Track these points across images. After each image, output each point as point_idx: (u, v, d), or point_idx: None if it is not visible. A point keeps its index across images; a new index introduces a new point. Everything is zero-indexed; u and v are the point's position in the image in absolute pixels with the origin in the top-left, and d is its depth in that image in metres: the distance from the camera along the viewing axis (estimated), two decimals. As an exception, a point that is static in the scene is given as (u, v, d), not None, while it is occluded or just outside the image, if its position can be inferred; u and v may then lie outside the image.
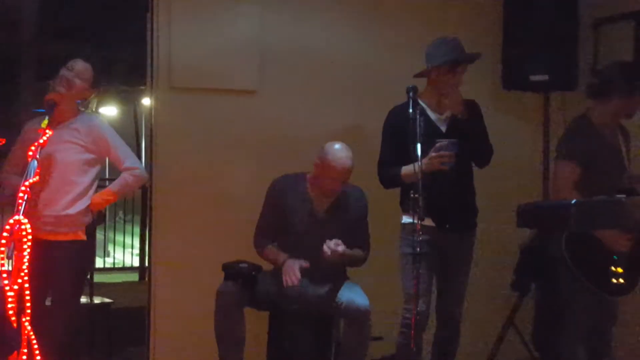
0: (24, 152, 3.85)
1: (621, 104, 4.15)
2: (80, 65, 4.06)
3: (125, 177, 4.22)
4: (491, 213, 4.50)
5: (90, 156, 4.07)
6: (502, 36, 5.24)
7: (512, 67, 5.20)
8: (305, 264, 4.20)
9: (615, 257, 3.92)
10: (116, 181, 4.32)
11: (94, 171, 4.10)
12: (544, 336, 4.83)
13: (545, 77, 5.09)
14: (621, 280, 3.96)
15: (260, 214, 4.45)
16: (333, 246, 4.14)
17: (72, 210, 4.00)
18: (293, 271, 4.16)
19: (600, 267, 3.95)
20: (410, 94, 3.88)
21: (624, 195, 3.55)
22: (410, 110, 3.81)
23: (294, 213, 4.36)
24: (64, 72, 4.02)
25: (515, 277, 5.02)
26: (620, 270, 3.96)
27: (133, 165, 4.23)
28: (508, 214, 3.85)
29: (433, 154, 3.87)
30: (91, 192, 4.09)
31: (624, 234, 3.95)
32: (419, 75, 4.25)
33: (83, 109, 4.21)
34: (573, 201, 3.36)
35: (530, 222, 3.72)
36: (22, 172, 3.83)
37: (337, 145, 4.22)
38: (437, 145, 3.86)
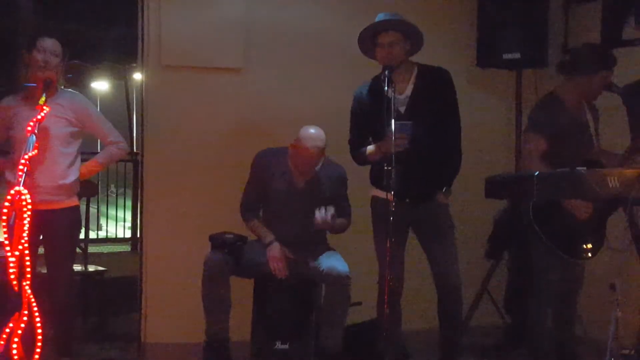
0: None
1: (587, 81, 4.23)
2: (50, 43, 4.05)
3: (110, 149, 4.37)
4: (466, 185, 4.57)
5: (74, 129, 4.14)
6: (476, 16, 5.30)
7: (486, 46, 5.27)
8: (289, 254, 4.36)
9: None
10: (102, 153, 4.44)
11: (77, 143, 4.19)
12: (515, 301, 4.99)
13: (518, 55, 5.16)
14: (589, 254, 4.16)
15: (245, 185, 4.55)
16: (323, 214, 4.25)
17: (67, 180, 4.10)
18: (281, 263, 4.31)
19: (566, 233, 4.04)
20: (387, 73, 3.90)
21: (584, 168, 3.69)
22: (387, 89, 3.84)
23: (275, 185, 4.46)
24: (39, 55, 4.01)
25: (489, 246, 5.21)
26: (589, 246, 4.12)
27: (117, 140, 4.37)
28: (482, 186, 3.83)
29: (386, 137, 3.84)
30: (78, 162, 4.20)
31: (585, 202, 4.05)
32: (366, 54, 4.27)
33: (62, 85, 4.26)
34: (536, 173, 3.48)
35: (497, 193, 3.81)
36: None
37: (311, 129, 4.30)
38: (389, 128, 3.78)
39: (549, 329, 4.35)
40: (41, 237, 4.09)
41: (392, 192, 3.72)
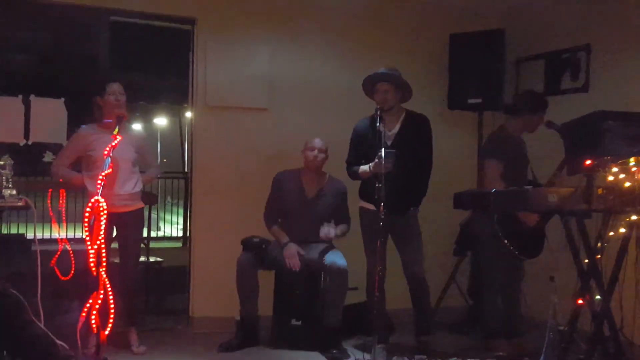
0: (76, 152, 4.14)
1: (528, 120, 4.30)
2: (118, 86, 4.14)
3: (154, 170, 4.51)
4: (439, 199, 4.56)
5: (137, 155, 4.25)
6: (448, 69, 5.30)
7: (455, 93, 5.25)
8: (301, 251, 4.33)
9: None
10: (152, 170, 4.50)
11: (137, 165, 4.30)
12: (476, 289, 4.96)
13: (479, 100, 5.14)
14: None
15: (267, 199, 4.57)
16: (326, 231, 4.32)
17: (137, 189, 4.21)
18: (294, 257, 4.31)
19: (521, 238, 4.06)
20: (378, 112, 3.97)
21: (530, 187, 3.69)
22: (378, 124, 3.88)
23: (291, 197, 4.48)
24: (112, 97, 4.09)
25: (456, 246, 5.17)
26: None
27: (158, 165, 4.61)
28: (452, 199, 3.95)
29: (376, 161, 3.89)
30: (139, 177, 4.29)
31: (533, 213, 4.07)
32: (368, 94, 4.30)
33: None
34: (493, 190, 3.48)
35: (463, 205, 3.78)
36: (69, 166, 4.15)
37: (315, 138, 4.46)
38: (378, 154, 3.84)
39: (499, 311, 4.34)
40: (114, 235, 4.15)
41: (382, 204, 3.72)
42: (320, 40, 5.28)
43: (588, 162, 3.40)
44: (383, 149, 3.82)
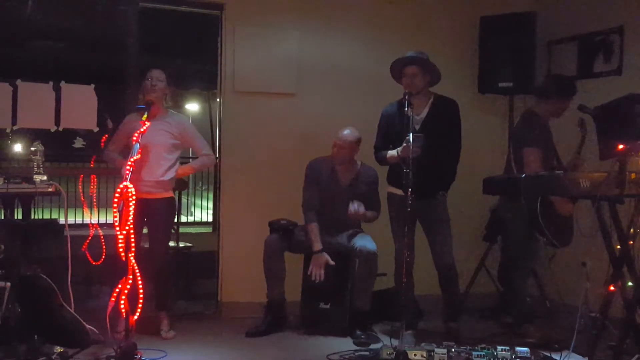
0: (123, 137, 4.18)
1: (556, 104, 4.22)
2: (157, 73, 4.20)
3: (203, 159, 4.46)
4: (469, 184, 4.52)
5: (176, 142, 4.22)
6: (478, 52, 5.24)
7: (486, 76, 5.20)
8: (330, 261, 4.30)
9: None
10: (196, 160, 4.57)
11: (177, 153, 4.26)
12: (506, 274, 4.87)
13: (511, 84, 5.08)
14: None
15: (303, 190, 4.50)
16: (356, 207, 4.27)
17: (166, 177, 4.18)
18: (320, 268, 4.28)
19: (553, 226, 4.01)
20: (406, 96, 3.92)
21: (561, 172, 3.64)
22: (406, 109, 3.82)
23: (325, 185, 4.46)
24: (148, 81, 4.15)
25: (486, 231, 5.12)
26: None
27: (209, 153, 4.46)
28: (481, 185, 3.74)
29: (404, 145, 3.84)
30: (176, 166, 4.26)
31: (569, 202, 3.99)
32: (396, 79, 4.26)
33: (169, 106, 4.32)
34: (522, 175, 3.43)
35: (492, 190, 3.76)
36: (120, 151, 4.20)
37: (345, 129, 4.39)
38: (406, 138, 3.77)
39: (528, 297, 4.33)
40: (145, 220, 4.16)
41: (410, 190, 3.69)
42: (349, 25, 5.25)
43: (621, 146, 3.34)
44: (411, 134, 3.78)
